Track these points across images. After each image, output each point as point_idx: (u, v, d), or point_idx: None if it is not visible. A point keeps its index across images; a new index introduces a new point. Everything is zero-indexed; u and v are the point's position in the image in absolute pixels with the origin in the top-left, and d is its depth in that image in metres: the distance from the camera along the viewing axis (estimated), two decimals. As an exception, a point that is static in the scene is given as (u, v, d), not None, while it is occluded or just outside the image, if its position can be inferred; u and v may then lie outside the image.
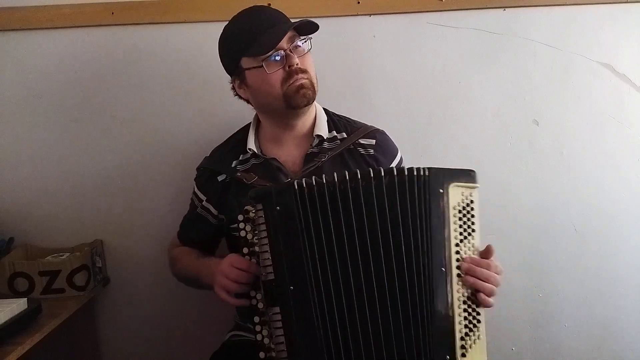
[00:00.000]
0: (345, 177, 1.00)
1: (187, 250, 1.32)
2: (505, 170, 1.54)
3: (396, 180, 1.00)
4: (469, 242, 1.02)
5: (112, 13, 1.46)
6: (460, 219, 1.01)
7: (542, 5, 1.48)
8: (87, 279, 1.43)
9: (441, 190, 1.00)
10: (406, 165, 1.29)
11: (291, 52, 1.15)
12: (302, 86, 1.15)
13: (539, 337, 1.60)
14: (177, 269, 1.32)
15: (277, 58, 1.14)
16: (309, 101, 1.18)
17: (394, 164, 1.27)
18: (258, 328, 1.00)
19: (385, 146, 1.27)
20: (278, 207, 0.99)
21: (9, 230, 1.51)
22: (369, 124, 1.30)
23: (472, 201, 1.03)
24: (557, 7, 1.48)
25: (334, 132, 1.25)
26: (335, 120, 1.29)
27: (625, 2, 1.48)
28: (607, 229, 1.56)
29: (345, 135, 1.26)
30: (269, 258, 0.99)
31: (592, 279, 1.58)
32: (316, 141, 1.23)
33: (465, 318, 1.00)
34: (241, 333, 1.31)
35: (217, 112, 1.49)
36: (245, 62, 1.17)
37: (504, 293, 1.55)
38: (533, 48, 1.50)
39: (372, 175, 1.00)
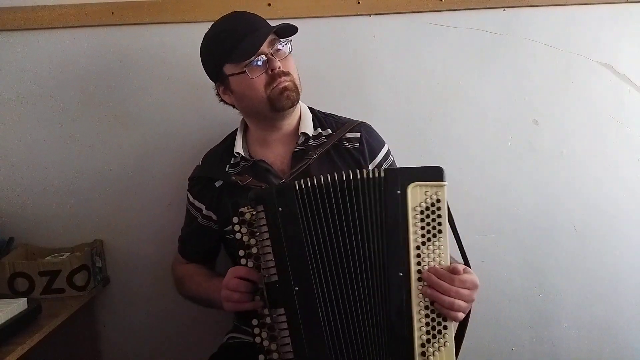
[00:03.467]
0: (341, 177, 1.01)
1: (193, 270, 1.31)
2: (505, 170, 1.54)
3: (352, 184, 1.00)
4: (433, 245, 0.98)
5: (112, 13, 1.46)
6: (422, 220, 0.98)
7: (542, 5, 1.48)
8: (87, 279, 1.43)
9: (398, 191, 0.98)
10: (397, 159, 1.31)
11: (272, 55, 1.16)
12: (285, 88, 1.16)
13: (539, 337, 1.60)
14: (186, 291, 1.32)
15: (259, 63, 1.15)
16: (293, 103, 1.18)
17: (380, 156, 1.27)
18: (257, 330, 0.99)
19: (370, 139, 1.28)
20: (280, 208, 0.99)
21: (9, 230, 1.51)
22: (355, 119, 1.31)
23: (438, 200, 0.98)
24: (557, 7, 1.48)
25: (319, 129, 1.26)
26: (320, 118, 1.30)
27: (625, 2, 1.48)
28: (607, 229, 1.56)
29: (330, 132, 1.26)
30: (271, 259, 0.98)
31: (592, 279, 1.58)
32: (302, 139, 1.23)
33: (427, 324, 0.98)
34: (239, 335, 1.31)
35: (217, 112, 1.49)
36: (228, 69, 1.18)
37: (504, 293, 1.57)
38: (533, 48, 1.50)
39: (351, 177, 1.00)
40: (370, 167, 1.25)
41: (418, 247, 0.98)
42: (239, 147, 1.25)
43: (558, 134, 1.53)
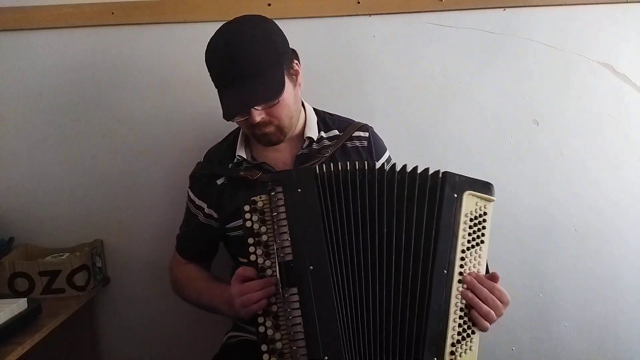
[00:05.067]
0: (363, 167, 1.04)
1: (193, 274, 1.30)
2: (505, 170, 1.54)
3: (407, 178, 1.03)
4: (475, 252, 1.02)
5: (112, 13, 1.46)
6: (470, 227, 1.02)
7: (542, 5, 1.48)
8: (87, 279, 1.43)
9: (455, 195, 1.02)
10: (397, 159, 1.30)
11: (253, 110, 1.10)
12: (265, 134, 1.16)
13: (539, 337, 1.60)
14: (185, 295, 1.30)
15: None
16: (277, 142, 1.18)
17: (383, 158, 1.28)
18: (261, 320, 0.99)
19: (377, 140, 1.30)
20: (299, 189, 1.01)
21: (9, 230, 1.51)
22: (358, 121, 1.31)
23: (485, 213, 1.04)
24: (557, 7, 1.48)
25: (322, 132, 1.26)
26: (326, 120, 1.29)
27: (625, 2, 1.48)
28: (607, 229, 1.56)
29: (337, 132, 1.26)
30: (287, 239, 0.99)
31: (592, 279, 1.58)
32: (307, 143, 1.23)
33: (459, 325, 0.99)
34: (239, 333, 1.31)
35: (217, 112, 1.47)
36: None
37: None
38: (533, 48, 1.50)
39: (385, 169, 1.04)
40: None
41: (463, 251, 1.01)
42: (241, 151, 1.24)
43: (558, 134, 1.53)
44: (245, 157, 1.23)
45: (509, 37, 1.50)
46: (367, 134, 1.28)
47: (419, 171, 1.04)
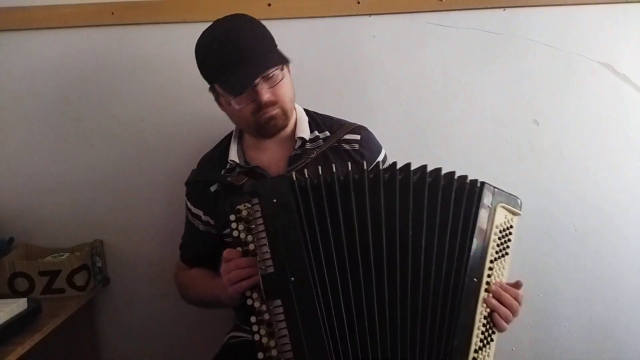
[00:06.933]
0: (352, 171, 1.01)
1: (196, 274, 1.30)
2: (505, 170, 1.54)
3: (441, 182, 1.02)
4: (500, 263, 1.04)
5: (112, 13, 1.46)
6: (499, 238, 1.04)
7: (542, 5, 1.48)
8: (87, 279, 1.43)
9: (489, 206, 1.03)
10: (397, 159, 1.30)
11: (261, 85, 1.12)
12: (271, 118, 1.15)
13: (539, 337, 1.60)
14: (191, 296, 1.30)
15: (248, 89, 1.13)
16: (280, 130, 1.19)
17: (378, 160, 1.27)
18: (255, 328, 0.98)
19: (369, 142, 1.28)
20: (275, 200, 0.99)
21: (9, 230, 1.51)
22: (353, 122, 1.30)
23: (511, 226, 1.06)
24: (557, 7, 1.48)
25: (316, 132, 1.25)
26: (317, 120, 1.29)
27: (625, 2, 1.48)
28: (607, 229, 1.56)
29: (328, 134, 1.26)
30: (267, 251, 0.98)
31: (592, 279, 1.58)
32: (299, 143, 1.22)
33: (482, 333, 1.01)
34: (240, 334, 1.31)
35: (217, 112, 1.48)
36: (218, 87, 1.17)
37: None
38: (533, 48, 1.50)
39: (398, 170, 1.02)
40: None
41: (491, 262, 1.02)
42: (233, 155, 1.24)
43: (558, 134, 1.53)
44: (237, 161, 1.23)
45: (509, 37, 1.50)
46: (358, 137, 1.26)
47: (455, 176, 1.03)
